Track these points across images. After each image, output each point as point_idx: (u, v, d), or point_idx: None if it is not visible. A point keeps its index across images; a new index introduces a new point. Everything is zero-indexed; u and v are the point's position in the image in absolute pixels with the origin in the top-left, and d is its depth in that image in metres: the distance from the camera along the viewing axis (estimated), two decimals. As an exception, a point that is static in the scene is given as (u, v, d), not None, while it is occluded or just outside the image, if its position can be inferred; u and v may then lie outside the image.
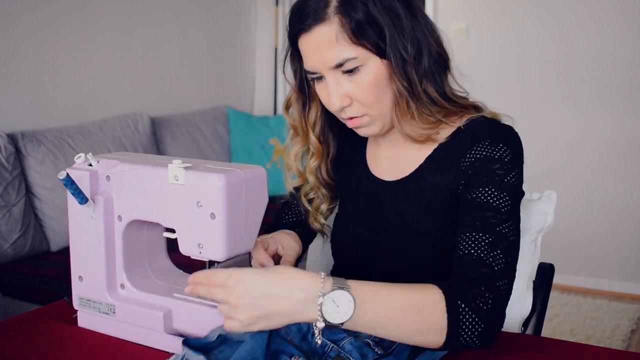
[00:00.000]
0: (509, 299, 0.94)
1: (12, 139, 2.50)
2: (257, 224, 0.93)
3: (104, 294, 0.99)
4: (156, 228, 1.01)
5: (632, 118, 3.19)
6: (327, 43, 0.98)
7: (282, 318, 0.82)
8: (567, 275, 3.29)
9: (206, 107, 3.61)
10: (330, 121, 1.16)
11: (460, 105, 1.09)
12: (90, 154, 0.99)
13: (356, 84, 1.01)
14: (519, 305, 1.24)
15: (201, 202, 0.87)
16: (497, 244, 0.94)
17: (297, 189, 1.25)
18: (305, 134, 1.15)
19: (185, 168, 0.89)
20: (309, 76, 1.06)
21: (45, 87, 2.79)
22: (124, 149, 2.88)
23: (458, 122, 1.09)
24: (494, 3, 3.43)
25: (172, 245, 0.99)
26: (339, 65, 0.99)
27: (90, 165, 0.98)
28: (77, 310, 1.03)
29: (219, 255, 0.89)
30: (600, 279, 3.32)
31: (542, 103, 3.36)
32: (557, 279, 1.40)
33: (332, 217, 1.28)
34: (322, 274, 0.84)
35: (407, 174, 1.13)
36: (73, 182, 0.94)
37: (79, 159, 0.98)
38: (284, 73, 1.12)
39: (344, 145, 1.23)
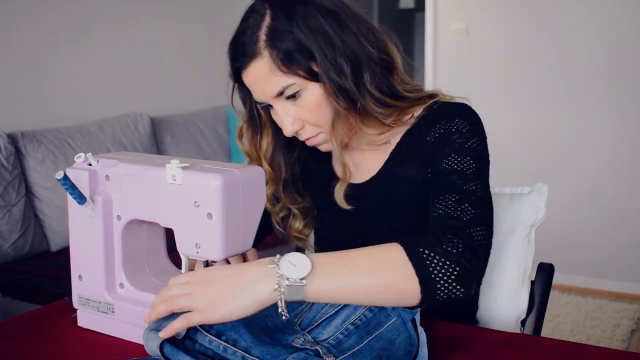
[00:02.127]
0: (487, 246, 0.93)
1: (12, 139, 2.50)
2: (255, 224, 0.94)
3: (103, 293, 0.99)
4: (155, 228, 1.01)
5: (633, 117, 3.19)
6: (263, 76, 1.01)
7: (244, 294, 0.82)
8: (567, 275, 3.29)
9: (206, 107, 3.62)
10: (287, 144, 1.17)
11: (414, 99, 1.10)
12: (89, 153, 0.99)
13: (302, 107, 1.03)
14: (514, 300, 1.24)
15: (198, 201, 0.88)
16: (464, 199, 0.95)
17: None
18: (259, 161, 1.16)
19: (183, 168, 0.89)
20: (260, 106, 1.09)
21: (45, 87, 2.80)
22: (124, 149, 2.88)
23: (416, 113, 1.11)
24: (494, 3, 3.43)
25: (171, 245, 0.99)
26: (280, 94, 1.02)
27: (90, 164, 0.98)
28: (76, 310, 1.03)
29: (216, 255, 0.89)
30: (600, 279, 3.32)
31: (542, 103, 3.36)
32: (557, 279, 1.40)
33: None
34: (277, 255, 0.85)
35: (374, 173, 1.14)
36: (71, 182, 0.94)
37: (79, 158, 0.98)
38: (232, 104, 1.14)
39: (309, 161, 1.23)
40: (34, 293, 2.18)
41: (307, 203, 1.23)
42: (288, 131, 1.05)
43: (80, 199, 0.95)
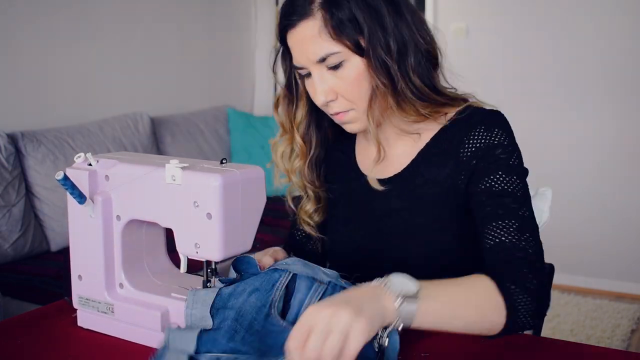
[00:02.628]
0: (545, 277, 0.97)
1: (12, 139, 2.50)
2: (255, 224, 0.93)
3: (102, 293, 0.99)
4: (155, 228, 1.01)
5: (634, 118, 3.19)
6: (310, 38, 1.01)
7: (371, 309, 0.77)
8: (567, 275, 3.29)
9: (206, 107, 3.62)
10: (318, 122, 1.17)
11: (450, 97, 1.10)
12: (89, 153, 0.99)
13: (340, 79, 1.03)
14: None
15: (198, 202, 0.88)
16: (524, 228, 0.97)
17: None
18: (291, 133, 1.16)
19: (182, 168, 0.89)
20: (298, 72, 1.08)
21: (45, 87, 2.80)
22: (124, 149, 2.88)
23: (448, 115, 1.10)
24: (494, 3, 3.43)
25: (171, 245, 0.99)
26: (322, 60, 1.02)
27: (90, 164, 0.98)
28: (76, 310, 1.03)
29: (215, 255, 0.89)
30: (600, 279, 3.32)
31: (543, 103, 3.36)
32: (557, 279, 1.40)
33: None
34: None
35: (399, 170, 1.13)
36: (70, 182, 0.94)
37: (79, 158, 0.98)
38: (274, 72, 1.14)
39: (332, 149, 1.22)
40: (34, 293, 2.18)
41: (324, 189, 1.22)
42: (320, 100, 1.04)
43: (80, 199, 0.95)
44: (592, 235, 3.31)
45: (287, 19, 1.03)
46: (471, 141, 1.06)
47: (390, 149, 1.14)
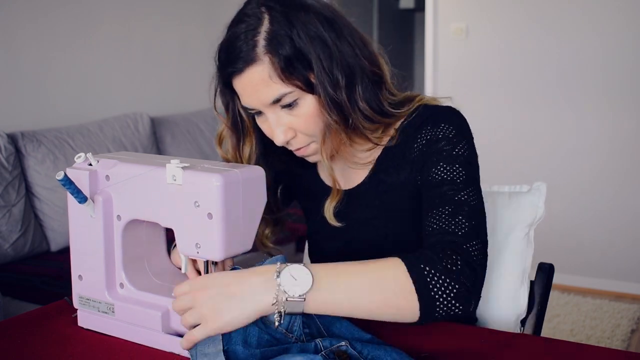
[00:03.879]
0: (484, 261, 0.93)
1: (12, 139, 2.50)
2: (255, 224, 0.93)
3: (103, 293, 0.99)
4: (155, 227, 1.01)
5: (633, 117, 3.19)
6: (260, 83, 0.98)
7: (244, 304, 0.82)
8: (567, 275, 3.29)
9: (206, 107, 3.61)
10: (266, 153, 1.14)
11: (399, 108, 1.08)
12: (90, 153, 0.99)
13: (296, 117, 1.01)
14: (513, 300, 1.24)
15: (199, 202, 0.87)
16: (458, 211, 0.94)
17: None
18: None
19: (183, 168, 0.89)
20: (248, 112, 1.06)
21: (45, 87, 2.80)
22: (124, 149, 2.89)
23: (401, 119, 1.10)
24: (494, 3, 3.43)
25: (171, 245, 0.99)
26: (277, 101, 0.99)
27: (90, 164, 0.98)
28: (77, 310, 1.03)
29: (216, 255, 0.89)
30: (600, 279, 3.32)
31: (542, 103, 3.36)
32: (557, 279, 1.40)
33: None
34: (278, 263, 0.86)
35: (361, 179, 1.13)
36: (71, 182, 0.94)
37: (79, 158, 0.98)
38: (214, 108, 1.11)
39: (294, 168, 1.21)
40: (34, 293, 2.18)
41: (282, 212, 1.22)
42: (280, 140, 1.02)
43: (81, 199, 0.95)
44: (592, 235, 3.31)
45: (232, 66, 0.99)
46: (419, 139, 1.06)
47: (349, 160, 1.13)
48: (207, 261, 0.93)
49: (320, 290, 0.83)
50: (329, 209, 1.11)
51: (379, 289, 0.85)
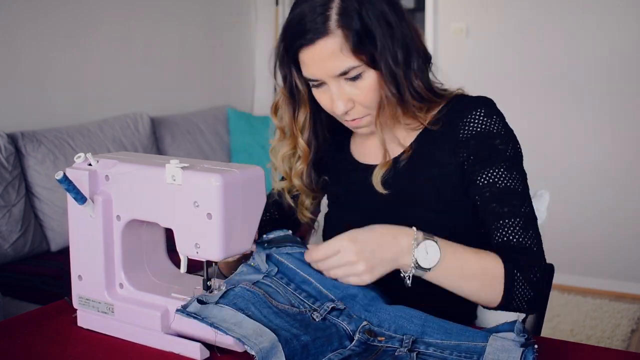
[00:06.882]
0: (551, 272, 1.09)
1: (12, 139, 2.50)
2: (255, 223, 0.94)
3: (102, 293, 0.99)
4: (155, 228, 1.01)
5: (634, 118, 3.19)
6: (331, 55, 1.03)
7: (391, 263, 0.97)
8: (567, 275, 3.29)
9: (206, 107, 3.62)
10: (316, 125, 1.20)
11: (442, 93, 1.16)
12: (89, 153, 0.99)
13: (358, 89, 1.07)
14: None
15: (198, 202, 0.88)
16: (528, 225, 1.06)
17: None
18: (294, 137, 1.18)
19: (183, 168, 0.89)
20: (311, 83, 1.10)
21: (45, 87, 2.80)
22: (124, 149, 2.88)
23: (441, 104, 1.16)
24: (494, 3, 3.43)
25: (171, 245, 0.99)
26: (344, 74, 1.05)
27: (90, 165, 0.98)
28: (76, 310, 1.03)
29: (216, 255, 0.89)
30: (600, 279, 3.32)
31: (542, 103, 3.36)
32: (557, 279, 1.40)
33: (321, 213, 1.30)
34: (414, 228, 0.98)
35: (397, 154, 1.16)
36: (70, 183, 0.94)
37: (79, 158, 0.98)
38: (275, 77, 1.17)
39: (326, 146, 1.24)
40: (34, 293, 2.18)
41: (321, 186, 1.26)
42: (340, 110, 1.07)
43: (80, 199, 0.95)
44: (592, 235, 3.31)
45: (302, 37, 1.04)
46: (470, 122, 1.11)
47: (386, 136, 1.15)
48: (206, 261, 0.93)
49: (441, 269, 0.98)
50: (377, 175, 1.15)
51: (481, 280, 1.01)
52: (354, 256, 0.94)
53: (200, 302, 0.89)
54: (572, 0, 3.24)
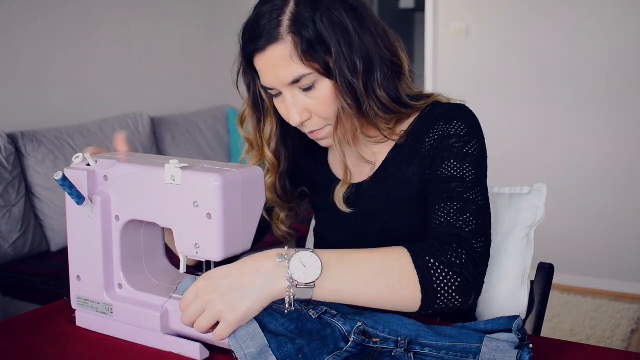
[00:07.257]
0: (486, 258, 0.95)
1: (12, 139, 2.50)
2: (254, 224, 0.93)
3: (101, 293, 0.99)
4: (154, 228, 1.01)
5: (634, 118, 3.19)
6: (281, 61, 1.00)
7: (258, 292, 0.84)
8: (567, 275, 3.29)
9: (206, 107, 3.62)
10: (284, 136, 1.16)
11: (414, 102, 1.10)
12: (88, 153, 0.99)
13: (313, 99, 1.03)
14: (513, 300, 1.24)
15: (198, 202, 0.87)
16: (466, 208, 0.97)
17: None
18: (261, 149, 1.15)
19: (182, 168, 0.89)
20: (268, 92, 1.07)
21: (45, 87, 2.80)
22: (124, 149, 2.88)
23: (414, 116, 1.11)
24: (494, 3, 3.43)
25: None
26: (295, 82, 1.01)
27: (89, 165, 0.98)
28: (76, 310, 1.03)
29: (215, 255, 0.89)
30: (600, 279, 3.32)
31: (543, 103, 3.36)
32: (557, 279, 1.40)
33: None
34: (286, 247, 0.87)
35: (371, 173, 1.14)
36: (69, 183, 0.93)
37: (77, 158, 0.98)
38: (237, 88, 1.13)
39: (304, 158, 1.23)
40: (34, 293, 2.18)
41: (295, 198, 1.23)
42: (295, 121, 1.04)
43: (79, 199, 0.95)
44: (592, 235, 3.31)
45: (254, 44, 1.01)
46: (431, 135, 1.07)
47: (363, 154, 1.13)
48: (206, 261, 0.93)
49: (328, 279, 0.86)
50: (339, 193, 1.12)
51: (385, 279, 0.88)
52: (207, 296, 0.84)
53: None
54: (571, 0, 3.24)
